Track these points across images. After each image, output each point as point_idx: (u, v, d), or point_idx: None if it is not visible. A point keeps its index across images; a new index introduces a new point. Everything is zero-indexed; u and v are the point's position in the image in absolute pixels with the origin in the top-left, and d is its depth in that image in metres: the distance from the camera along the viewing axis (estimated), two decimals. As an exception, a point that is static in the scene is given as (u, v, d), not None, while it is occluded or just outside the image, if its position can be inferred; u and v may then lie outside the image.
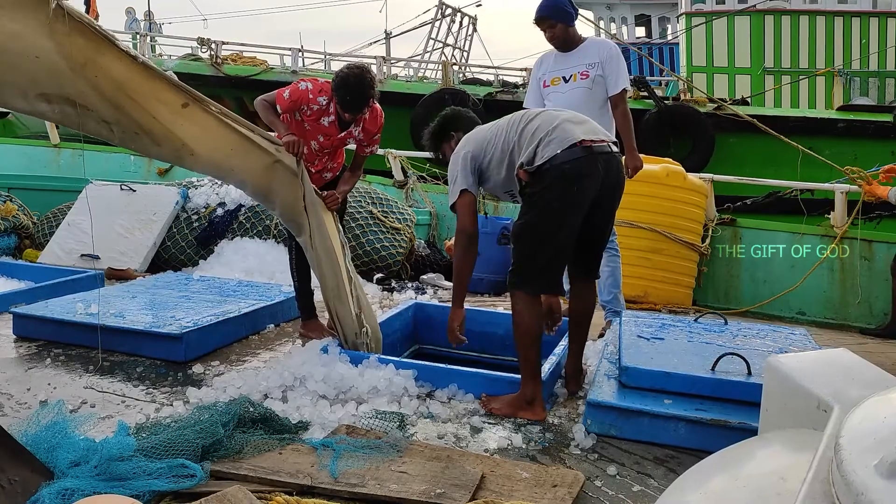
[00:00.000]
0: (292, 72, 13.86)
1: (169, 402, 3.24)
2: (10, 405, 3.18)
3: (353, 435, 2.83)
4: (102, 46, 2.84)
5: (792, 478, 1.02)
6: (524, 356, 3.12)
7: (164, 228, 5.99)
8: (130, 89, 2.95)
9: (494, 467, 2.63)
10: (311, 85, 3.75)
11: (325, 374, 3.34)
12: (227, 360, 3.78)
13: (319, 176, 3.97)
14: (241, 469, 2.55)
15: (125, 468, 2.47)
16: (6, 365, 3.64)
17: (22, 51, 2.69)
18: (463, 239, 3.25)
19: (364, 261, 5.78)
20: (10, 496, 2.40)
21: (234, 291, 4.59)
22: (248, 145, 3.41)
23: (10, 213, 6.26)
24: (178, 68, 13.92)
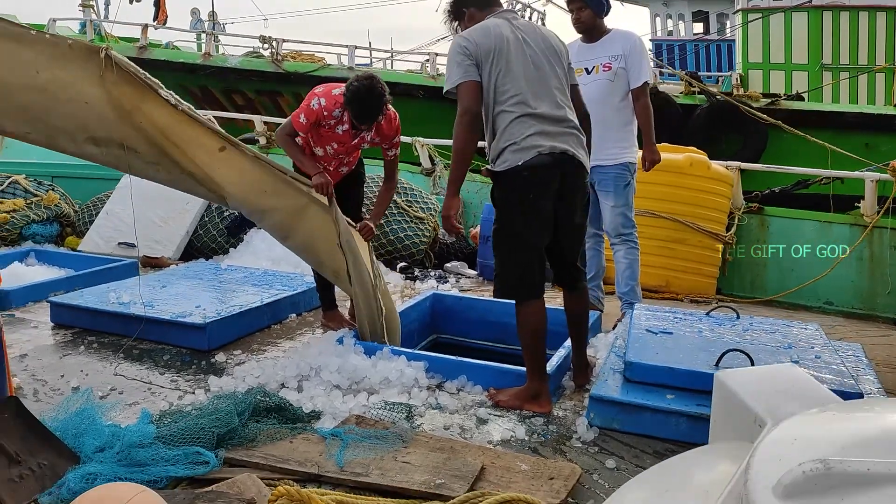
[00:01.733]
0: (349, 68, 14.02)
1: (191, 390, 3.40)
2: (44, 391, 3.38)
3: (362, 425, 2.95)
4: (147, 94, 3.03)
5: (715, 492, 1.10)
6: (529, 352, 3.20)
7: (197, 218, 6.18)
8: (173, 134, 3.14)
9: (495, 459, 2.72)
10: (324, 101, 3.79)
11: (340, 365, 3.46)
12: (248, 349, 3.93)
13: (336, 172, 4.07)
14: (252, 457, 2.69)
15: (145, 455, 2.63)
16: (43, 352, 3.85)
17: (73, 98, 2.91)
18: (465, 119, 3.09)
19: (388, 249, 5.90)
20: (39, 479, 2.58)
21: (259, 281, 4.75)
22: (281, 187, 3.54)
23: (53, 202, 6.51)
24: (242, 65, 14.21)
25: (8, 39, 2.80)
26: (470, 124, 3.11)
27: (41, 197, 6.51)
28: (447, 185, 3.26)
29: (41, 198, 6.50)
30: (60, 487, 2.51)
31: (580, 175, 3.20)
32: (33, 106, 2.95)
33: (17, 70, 2.84)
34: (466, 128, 3.11)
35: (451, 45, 3.19)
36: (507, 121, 3.10)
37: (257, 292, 4.46)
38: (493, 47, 3.09)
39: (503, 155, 3.10)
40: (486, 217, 5.99)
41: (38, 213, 6.37)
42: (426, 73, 14.19)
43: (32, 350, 3.85)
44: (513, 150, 3.07)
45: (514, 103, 3.10)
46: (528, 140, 3.06)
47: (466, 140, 3.13)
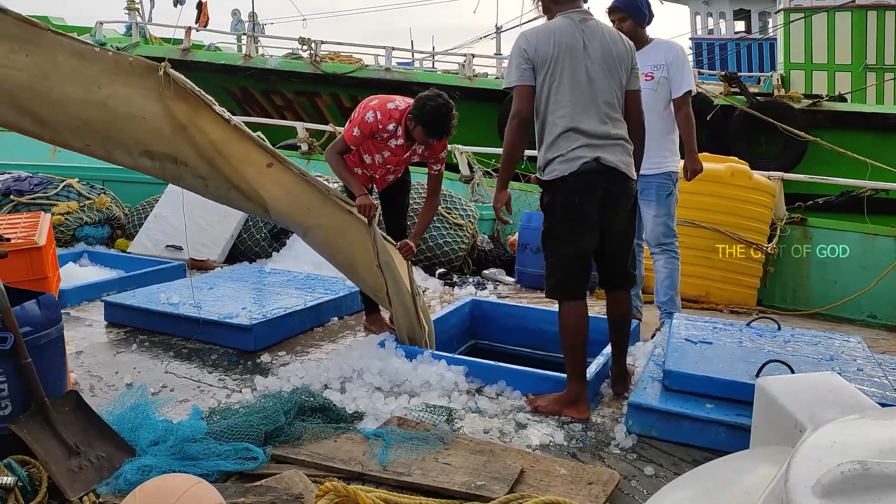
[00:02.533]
0: (386, 69, 14.19)
1: (238, 389, 3.51)
2: (100, 386, 3.52)
3: (404, 426, 3.02)
4: (202, 110, 3.14)
5: (756, 493, 1.14)
6: (569, 356, 3.25)
7: (241, 222, 6.33)
8: (223, 149, 3.24)
9: (534, 463, 2.78)
10: (379, 114, 3.89)
11: (382, 368, 3.55)
12: (292, 351, 4.04)
13: (383, 179, 4.17)
14: (299, 454, 2.78)
15: (197, 449, 2.73)
16: (97, 349, 4.00)
17: (131, 113, 3.02)
18: (514, 122, 3.21)
19: (427, 255, 5.98)
20: (98, 470, 2.70)
21: (302, 284, 4.86)
22: (324, 205, 3.61)
23: (105, 205, 6.72)
24: (281, 66, 14.47)
25: (72, 55, 2.91)
26: (519, 127, 3.21)
27: (93, 200, 6.72)
28: (497, 181, 3.40)
29: (93, 201, 6.71)
30: (118, 478, 2.62)
31: (624, 184, 3.26)
32: (94, 120, 3.06)
33: (80, 85, 2.95)
34: (516, 130, 3.22)
35: (515, 43, 3.29)
36: (554, 133, 3.19)
37: (300, 295, 4.57)
38: (551, 56, 3.16)
39: (551, 165, 3.20)
40: (524, 225, 6.05)
41: (91, 216, 6.57)
42: (463, 73, 14.25)
43: (88, 347, 4.01)
44: (560, 161, 3.17)
45: (561, 116, 3.17)
46: (573, 152, 3.14)
47: (514, 142, 3.24)
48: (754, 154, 11.56)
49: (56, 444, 2.73)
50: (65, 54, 2.89)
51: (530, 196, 7.19)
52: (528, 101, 3.20)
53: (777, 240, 6.20)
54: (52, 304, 2.98)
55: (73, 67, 2.91)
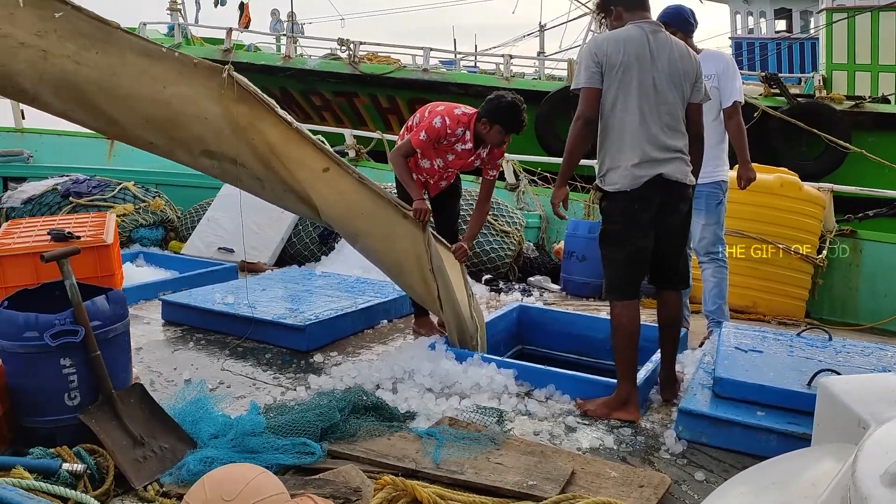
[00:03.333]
0: (423, 70, 14.32)
1: (293, 387, 3.60)
2: (159, 382, 3.64)
3: (455, 426, 3.08)
4: (263, 113, 3.22)
5: (822, 485, 1.18)
6: (620, 357, 3.29)
7: (291, 226, 6.47)
8: (281, 152, 3.31)
9: (585, 465, 2.81)
10: (448, 119, 4.01)
11: (432, 369, 3.61)
12: (344, 352, 4.13)
13: (437, 185, 4.26)
14: (354, 451, 2.85)
15: (256, 443, 2.82)
16: (156, 346, 4.13)
17: (194, 113, 3.11)
18: (579, 123, 3.28)
19: (473, 262, 6.03)
20: (161, 461, 2.80)
21: (351, 288, 4.96)
22: (378, 210, 3.65)
23: (159, 208, 6.92)
24: (320, 66, 14.70)
25: (141, 54, 3.00)
26: (582, 129, 3.28)
27: (148, 203, 6.93)
28: (558, 177, 3.47)
29: (148, 203, 6.92)
30: (180, 469, 2.72)
31: (682, 191, 3.33)
32: (158, 118, 3.14)
33: (146, 84, 3.03)
34: (579, 132, 3.29)
35: (586, 46, 3.38)
36: (617, 141, 3.24)
37: (351, 298, 4.67)
38: (620, 63, 3.21)
39: (610, 175, 3.27)
40: (570, 233, 6.07)
41: (146, 218, 6.78)
42: (500, 73, 14.27)
43: (147, 344, 4.14)
44: (620, 173, 3.23)
45: (625, 123, 3.22)
46: (636, 169, 3.20)
47: (578, 143, 3.30)
48: (794, 156, 11.39)
49: (122, 434, 2.84)
50: (133, 53, 2.97)
51: (575, 205, 7.20)
52: (595, 103, 3.26)
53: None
54: (120, 299, 3.11)
55: (140, 66, 2.99)
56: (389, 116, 15.13)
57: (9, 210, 6.94)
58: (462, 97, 13.26)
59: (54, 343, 2.77)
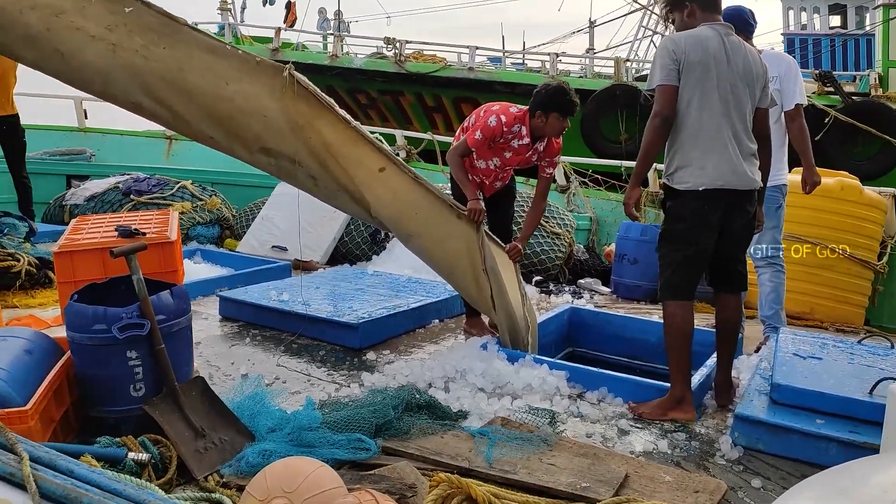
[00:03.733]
0: (469, 69, 14.34)
1: (347, 384, 3.65)
2: (217, 376, 3.73)
3: (508, 426, 3.09)
4: (322, 112, 3.24)
5: (893, 492, 1.16)
6: (674, 356, 3.27)
7: (343, 225, 6.55)
8: (337, 151, 3.33)
9: (639, 468, 2.79)
10: (504, 118, 4.06)
11: (484, 369, 3.63)
12: (396, 350, 4.17)
13: (492, 185, 4.29)
14: (408, 448, 2.89)
15: (313, 437, 2.88)
16: (214, 341, 4.24)
17: (254, 110, 3.15)
18: (656, 121, 3.24)
19: (524, 263, 6.02)
20: (221, 452, 2.88)
21: (403, 287, 5.01)
22: (432, 211, 3.65)
23: (215, 207, 7.09)
24: (366, 66, 14.86)
25: (206, 51, 3.05)
26: (660, 127, 3.24)
27: (205, 201, 7.10)
28: (631, 178, 3.44)
29: (205, 202, 7.09)
30: (240, 461, 2.79)
31: (750, 194, 3.32)
32: (219, 114, 3.18)
33: (209, 80, 3.08)
34: (656, 130, 3.25)
35: (660, 45, 3.33)
36: (689, 139, 3.22)
37: (403, 297, 4.71)
38: (699, 61, 3.18)
39: (680, 173, 3.25)
40: (621, 236, 6.03)
41: (203, 216, 6.95)
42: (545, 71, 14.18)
43: (205, 339, 4.25)
44: (691, 172, 3.21)
45: (700, 123, 3.20)
46: (707, 169, 3.19)
47: (654, 141, 3.27)
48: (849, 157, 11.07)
49: (184, 425, 2.92)
50: (199, 49, 3.02)
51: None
52: (672, 101, 3.22)
53: (887, 257, 5.96)
54: (183, 294, 3.20)
55: (205, 62, 3.04)
56: (435, 115, 15.20)
57: (72, 207, 7.19)
58: (508, 96, 13.23)
59: (122, 336, 2.87)
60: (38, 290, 4.99)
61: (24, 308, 4.69)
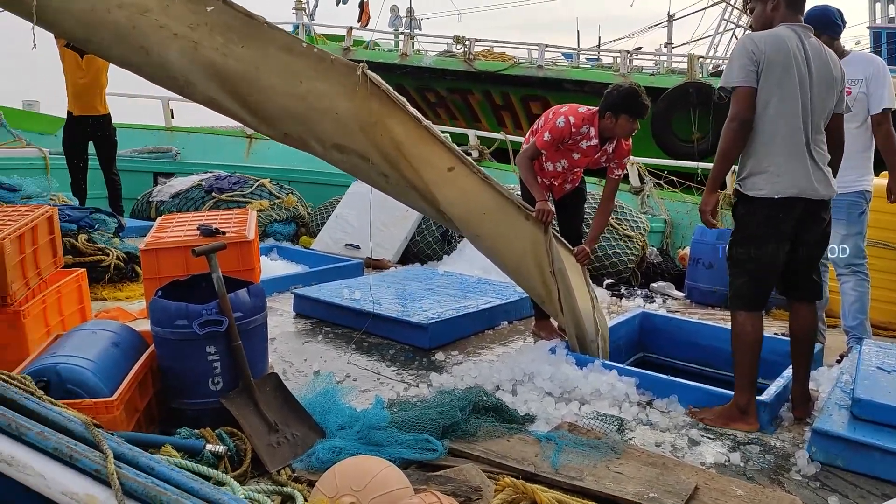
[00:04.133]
0: (538, 66, 14.25)
1: (415, 384, 3.70)
2: (291, 372, 3.84)
3: (575, 432, 3.08)
4: (393, 111, 3.28)
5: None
6: (741, 366, 3.21)
7: (415, 225, 6.62)
8: (407, 150, 3.36)
9: (709, 480, 2.74)
10: (572, 119, 4.05)
11: (552, 373, 3.62)
12: (464, 351, 4.20)
13: (561, 187, 4.28)
14: (474, 450, 2.91)
15: (381, 436, 2.93)
16: (288, 338, 4.36)
17: (327, 108, 3.21)
18: (734, 124, 3.14)
19: (595, 265, 5.96)
20: (293, 447, 2.96)
21: (473, 288, 5.03)
22: (501, 211, 3.65)
23: (291, 205, 7.28)
24: (436, 64, 14.97)
25: (282, 49, 3.12)
26: (737, 130, 3.15)
27: (282, 199, 7.29)
28: (707, 183, 3.36)
29: (282, 200, 7.28)
30: (310, 456, 2.87)
31: (825, 202, 3.23)
32: (293, 111, 3.25)
33: (285, 78, 3.14)
34: (734, 133, 3.16)
35: (739, 44, 3.24)
36: (764, 144, 3.13)
37: (472, 298, 4.74)
38: (780, 63, 3.09)
39: (754, 179, 3.16)
40: (696, 240, 5.88)
41: (279, 214, 7.14)
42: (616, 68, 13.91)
43: (279, 335, 4.38)
44: (766, 179, 3.13)
45: (778, 127, 3.11)
46: (783, 176, 3.10)
47: (731, 146, 3.18)
48: None
49: (258, 420, 3.02)
50: (276, 48, 3.09)
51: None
52: (749, 104, 3.12)
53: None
54: (260, 293, 3.31)
55: (281, 61, 3.10)
56: (503, 114, 15.16)
57: (158, 203, 7.50)
58: (577, 94, 13.07)
59: (201, 332, 2.99)
60: (125, 283, 5.24)
61: (113, 301, 4.94)
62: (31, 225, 3.78)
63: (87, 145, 6.99)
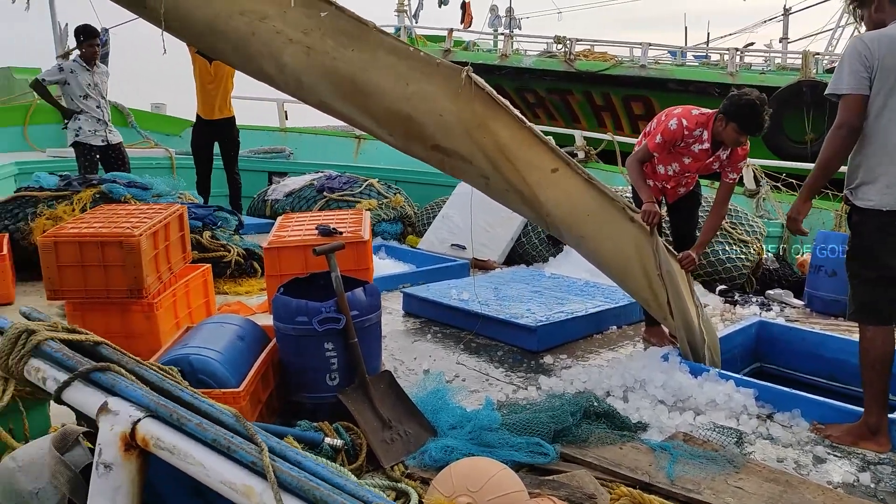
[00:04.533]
0: (640, 66, 13.94)
1: (524, 386, 3.71)
2: (401, 370, 3.92)
3: (690, 443, 3.00)
4: (497, 113, 3.29)
5: None
6: (871, 383, 3.04)
7: (521, 225, 6.61)
8: (509, 152, 3.36)
9: (836, 501, 2.61)
10: (685, 121, 3.93)
11: (665, 381, 3.54)
12: (573, 355, 4.17)
13: (674, 191, 4.17)
14: (586, 456, 2.88)
15: (492, 438, 2.95)
16: (398, 336, 4.45)
17: (431, 109, 3.25)
18: (842, 132, 2.99)
19: (707, 271, 5.79)
20: (406, 444, 3.03)
21: (581, 291, 4.98)
22: (605, 212, 3.59)
23: (399, 204, 7.41)
24: (535, 65, 14.89)
25: (390, 52, 3.18)
26: (845, 139, 3.00)
27: (390, 199, 7.43)
28: (802, 189, 3.21)
29: (390, 199, 7.43)
30: (423, 454, 2.92)
31: None
32: (398, 113, 3.29)
33: (392, 80, 3.20)
34: (842, 141, 3.00)
35: (850, 46, 3.06)
36: (875, 153, 2.96)
37: (581, 301, 4.69)
38: (894, 67, 2.90)
39: (864, 189, 3.00)
40: (818, 245, 5.61)
41: (387, 213, 7.28)
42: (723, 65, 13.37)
43: (389, 333, 4.47)
44: (876, 189, 2.96)
45: (887, 135, 2.94)
46: (892, 190, 2.93)
47: (836, 155, 3.04)
48: None
49: (373, 416, 3.11)
50: (384, 51, 3.16)
51: (824, 214, 6.65)
52: (859, 112, 2.95)
53: None
54: (375, 292, 3.39)
55: (389, 64, 3.16)
56: (603, 114, 14.90)
57: (273, 202, 7.81)
58: (682, 94, 12.67)
59: (321, 328, 3.10)
60: (244, 278, 5.49)
61: (233, 295, 5.18)
62: (164, 222, 4.02)
63: (213, 146, 7.36)
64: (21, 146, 9.35)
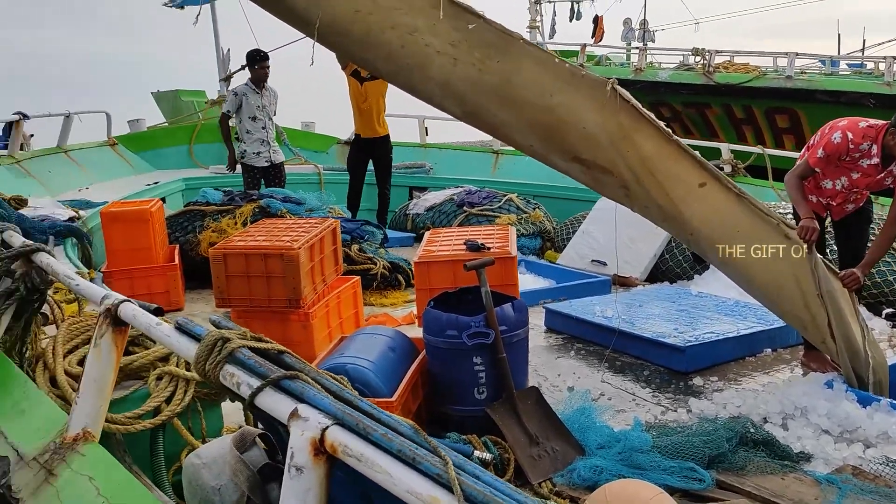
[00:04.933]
0: (786, 77, 13.21)
1: (673, 408, 3.61)
2: (545, 386, 3.92)
3: (860, 477, 2.81)
4: (641, 125, 3.24)
5: None
6: None
7: (665, 241, 6.42)
8: (654, 166, 3.29)
9: None
10: (850, 134, 3.71)
11: (829, 410, 3.33)
12: (724, 377, 4.00)
13: (841, 207, 3.94)
14: (744, 485, 2.77)
15: (643, 460, 2.89)
16: (540, 352, 4.45)
17: (573, 121, 3.25)
18: None
19: (872, 293, 5.39)
20: (553, 462, 3.02)
21: (731, 311, 4.78)
22: (756, 229, 3.44)
23: (538, 219, 7.40)
24: (671, 78, 14.47)
25: (536, 64, 3.20)
26: None
27: (529, 214, 7.44)
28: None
29: (529, 214, 7.43)
30: (571, 473, 2.91)
31: None
32: (541, 124, 3.31)
33: (536, 91, 3.22)
34: None
35: None
36: None
37: (731, 322, 4.51)
38: None
39: None
40: None
41: (526, 228, 7.29)
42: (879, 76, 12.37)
43: (532, 349, 4.39)
44: None
45: None
46: None
47: None
48: None
49: (520, 431, 3.12)
50: (529, 62, 3.18)
51: None
52: None
53: None
54: (523, 308, 3.43)
55: (533, 75, 3.19)
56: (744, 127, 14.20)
57: (414, 216, 8.02)
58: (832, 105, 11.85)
59: (470, 343, 3.16)
60: (389, 290, 5.68)
61: (379, 307, 5.37)
62: (320, 236, 4.24)
63: (367, 163, 7.67)
64: (187, 164, 10.12)
